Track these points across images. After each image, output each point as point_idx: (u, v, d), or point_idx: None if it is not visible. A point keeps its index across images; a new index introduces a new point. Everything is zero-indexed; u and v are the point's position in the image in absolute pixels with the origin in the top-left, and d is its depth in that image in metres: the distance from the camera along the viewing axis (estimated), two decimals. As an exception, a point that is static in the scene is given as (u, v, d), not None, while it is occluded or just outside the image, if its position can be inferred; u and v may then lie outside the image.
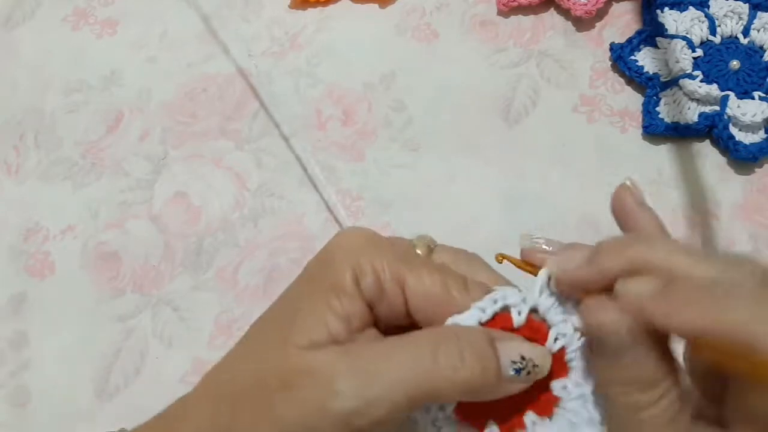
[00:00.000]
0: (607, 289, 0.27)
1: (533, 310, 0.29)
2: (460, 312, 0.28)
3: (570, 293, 0.28)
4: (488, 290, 0.29)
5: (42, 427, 0.41)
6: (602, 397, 0.28)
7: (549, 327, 0.29)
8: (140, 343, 0.42)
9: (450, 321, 0.28)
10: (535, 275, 0.29)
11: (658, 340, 0.26)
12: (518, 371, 0.27)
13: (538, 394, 0.29)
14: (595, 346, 0.27)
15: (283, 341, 0.28)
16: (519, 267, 0.30)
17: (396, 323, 0.29)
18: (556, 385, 0.29)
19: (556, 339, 0.29)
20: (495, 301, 0.29)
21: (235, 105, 0.49)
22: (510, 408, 0.29)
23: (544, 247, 0.30)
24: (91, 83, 0.51)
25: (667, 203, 0.43)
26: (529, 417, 0.29)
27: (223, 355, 0.31)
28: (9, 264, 0.45)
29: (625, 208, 0.29)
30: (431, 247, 0.31)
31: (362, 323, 0.28)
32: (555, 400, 0.29)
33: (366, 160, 0.46)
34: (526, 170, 0.45)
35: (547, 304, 0.29)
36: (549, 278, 0.28)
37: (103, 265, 0.45)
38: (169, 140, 0.48)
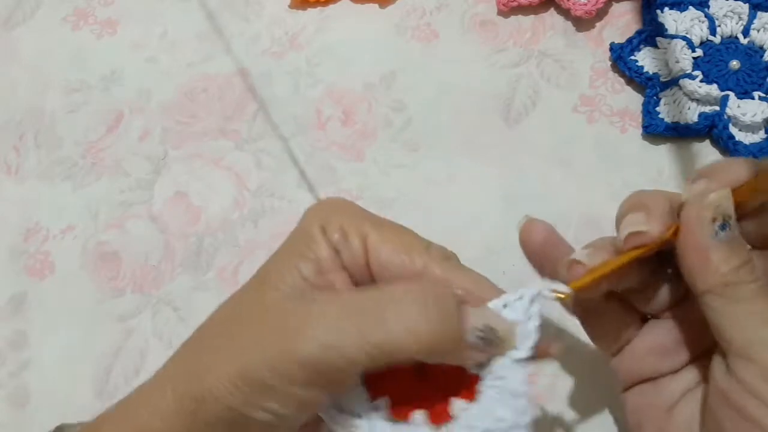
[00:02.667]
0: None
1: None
2: (430, 274, 0.28)
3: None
4: (448, 263, 0.29)
5: (42, 427, 0.41)
6: (522, 370, 0.28)
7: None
8: (140, 343, 0.42)
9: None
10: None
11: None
12: (481, 339, 0.27)
13: (459, 379, 0.28)
14: (717, 230, 0.27)
15: (259, 285, 0.29)
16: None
17: (360, 279, 0.30)
18: (457, 405, 0.28)
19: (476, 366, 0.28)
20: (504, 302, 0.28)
21: (235, 105, 0.49)
22: (436, 397, 0.28)
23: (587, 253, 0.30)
24: (91, 83, 0.51)
25: (667, 203, 0.43)
26: (456, 404, 0.28)
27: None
28: (9, 264, 0.45)
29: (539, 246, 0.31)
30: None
31: (331, 266, 0.29)
32: (476, 380, 0.28)
33: (366, 160, 0.46)
34: (526, 170, 0.45)
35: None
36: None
37: (103, 265, 0.45)
38: (169, 140, 0.48)
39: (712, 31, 0.47)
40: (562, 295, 0.29)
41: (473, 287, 0.29)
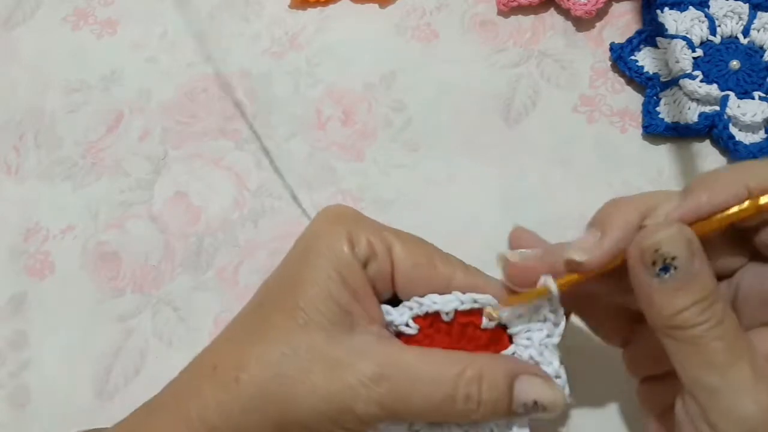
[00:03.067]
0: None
1: (503, 326, 0.30)
2: (440, 292, 0.30)
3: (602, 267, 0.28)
4: (467, 268, 0.30)
5: (42, 427, 0.41)
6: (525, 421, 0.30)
7: (510, 342, 0.30)
8: (140, 343, 0.42)
9: (429, 297, 0.29)
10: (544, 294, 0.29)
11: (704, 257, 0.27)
12: (526, 410, 0.28)
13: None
14: (658, 273, 0.26)
15: (298, 319, 0.28)
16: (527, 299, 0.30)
17: (382, 291, 0.30)
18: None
19: (512, 353, 0.30)
20: (475, 301, 0.30)
21: (235, 105, 0.49)
22: None
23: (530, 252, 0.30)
24: (91, 83, 0.51)
25: (667, 203, 0.43)
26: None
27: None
28: (9, 264, 0.45)
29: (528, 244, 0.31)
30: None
31: (363, 288, 0.29)
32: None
33: (366, 160, 0.46)
34: (526, 170, 0.45)
35: (519, 324, 0.30)
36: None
37: (103, 265, 0.45)
38: (169, 140, 0.48)
39: (712, 31, 0.47)
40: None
41: (497, 294, 0.30)
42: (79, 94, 0.50)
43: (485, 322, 0.30)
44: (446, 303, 0.29)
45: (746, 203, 0.27)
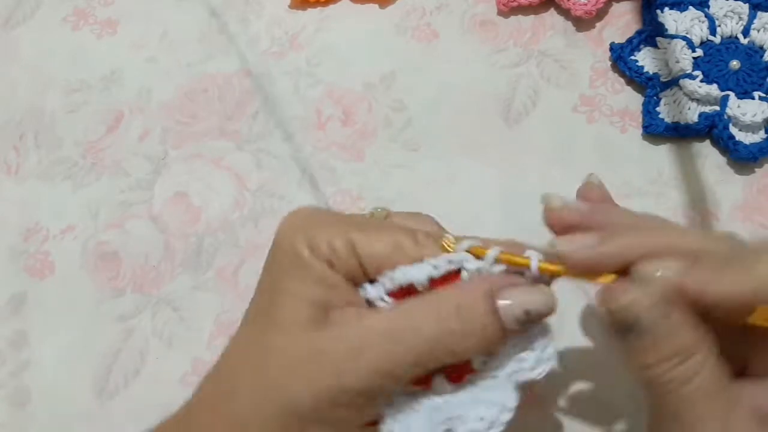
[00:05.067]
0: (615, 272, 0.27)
1: None
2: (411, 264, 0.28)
3: (575, 273, 0.28)
4: (438, 240, 0.29)
5: (42, 427, 0.41)
6: (515, 384, 0.28)
7: None
8: (140, 343, 0.42)
9: (400, 270, 0.28)
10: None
11: (687, 310, 0.26)
12: (524, 323, 0.27)
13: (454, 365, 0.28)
14: (625, 330, 0.26)
15: (276, 326, 0.28)
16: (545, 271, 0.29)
17: (352, 278, 0.30)
18: (476, 360, 0.28)
19: None
20: (449, 262, 0.29)
21: (235, 105, 0.49)
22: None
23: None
24: (91, 83, 0.51)
25: (667, 203, 0.43)
26: (437, 379, 0.28)
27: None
28: (9, 264, 0.45)
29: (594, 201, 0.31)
30: (387, 216, 0.32)
31: (333, 282, 0.29)
32: (469, 371, 0.28)
33: (366, 160, 0.46)
34: (526, 170, 0.45)
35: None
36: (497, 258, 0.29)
37: (103, 265, 0.45)
38: (169, 140, 0.48)
39: (712, 31, 0.47)
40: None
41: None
42: (79, 94, 0.50)
43: (464, 276, 0.29)
44: (419, 272, 0.28)
45: (757, 315, 0.26)
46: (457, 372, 0.28)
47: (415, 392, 0.28)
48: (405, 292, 0.29)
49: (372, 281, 0.30)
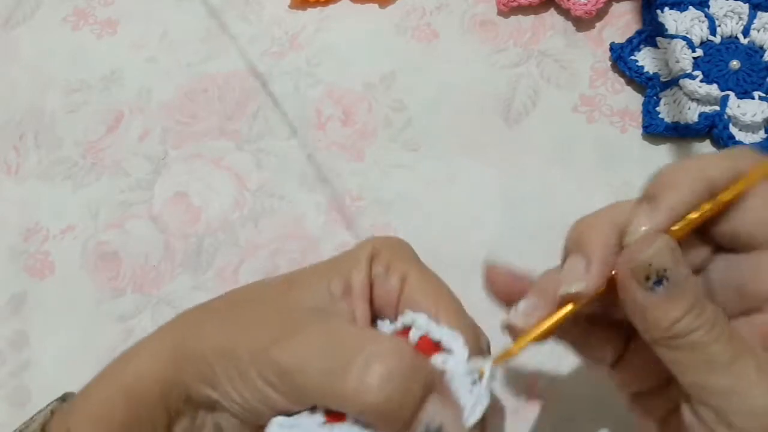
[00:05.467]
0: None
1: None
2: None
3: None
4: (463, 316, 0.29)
5: (42, 427, 0.41)
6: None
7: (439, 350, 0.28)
8: (140, 343, 0.42)
9: (408, 315, 0.28)
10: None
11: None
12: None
13: None
14: (651, 287, 0.26)
15: (287, 282, 0.30)
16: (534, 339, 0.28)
17: (382, 313, 0.30)
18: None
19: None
20: (404, 325, 0.28)
21: (235, 105, 0.49)
22: None
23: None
24: (91, 83, 0.51)
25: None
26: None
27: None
28: (9, 264, 0.45)
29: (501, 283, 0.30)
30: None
31: (360, 293, 0.29)
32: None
33: (366, 160, 0.46)
34: (526, 170, 0.45)
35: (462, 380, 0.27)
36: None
37: (103, 265, 0.45)
38: (169, 140, 0.48)
39: (712, 31, 0.47)
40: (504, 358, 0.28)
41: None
42: (79, 94, 0.50)
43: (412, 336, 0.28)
44: (420, 326, 0.28)
45: (711, 201, 0.27)
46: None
47: (334, 425, 0.27)
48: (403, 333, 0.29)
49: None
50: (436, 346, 0.28)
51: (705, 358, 0.26)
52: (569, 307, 0.28)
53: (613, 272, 0.27)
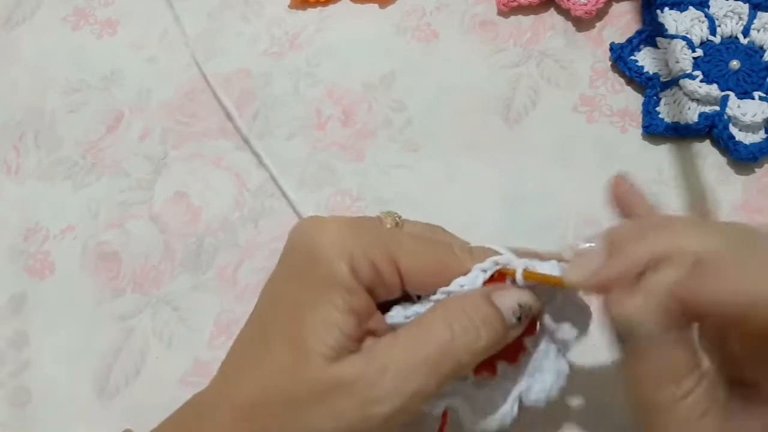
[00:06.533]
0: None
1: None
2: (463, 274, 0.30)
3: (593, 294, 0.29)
4: (471, 252, 0.31)
5: (42, 427, 0.41)
6: (564, 351, 0.32)
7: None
8: (140, 343, 0.42)
9: (456, 283, 0.29)
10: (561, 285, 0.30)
11: (686, 327, 0.26)
12: (519, 318, 0.29)
13: (510, 348, 0.30)
14: (624, 340, 0.27)
15: (301, 351, 0.27)
16: (543, 281, 0.30)
17: (390, 298, 0.30)
18: (529, 341, 0.31)
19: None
20: (496, 263, 0.30)
21: (235, 105, 0.49)
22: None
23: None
24: (91, 83, 0.51)
25: (667, 203, 0.43)
26: (501, 365, 0.31)
27: (222, 356, 0.31)
28: (9, 264, 0.45)
29: (624, 195, 0.31)
30: (398, 222, 0.33)
31: (368, 311, 0.29)
32: (524, 351, 0.31)
33: (366, 160, 0.46)
34: (526, 170, 0.45)
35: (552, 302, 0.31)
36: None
37: (103, 265, 0.45)
38: (169, 140, 0.48)
39: (712, 31, 0.47)
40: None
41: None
42: (79, 94, 0.50)
43: (508, 284, 0.30)
44: (474, 281, 0.30)
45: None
46: (513, 354, 0.31)
47: (484, 379, 0.31)
48: None
49: (405, 298, 0.31)
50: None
51: (657, 426, 0.26)
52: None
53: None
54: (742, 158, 0.43)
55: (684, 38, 0.46)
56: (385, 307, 0.30)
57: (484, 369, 0.30)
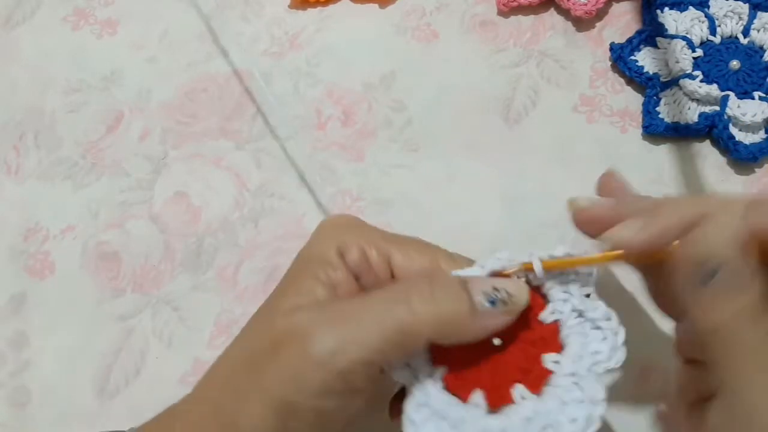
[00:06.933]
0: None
1: (536, 288, 0.30)
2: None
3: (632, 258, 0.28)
4: (470, 263, 0.30)
5: (42, 427, 0.41)
6: (596, 376, 0.28)
7: (546, 302, 0.29)
8: (140, 343, 0.42)
9: (453, 274, 0.29)
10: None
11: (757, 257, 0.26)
12: (493, 302, 0.27)
13: (528, 366, 0.28)
14: (705, 280, 0.26)
15: (270, 310, 0.29)
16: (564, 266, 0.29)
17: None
18: (548, 359, 0.28)
19: (552, 313, 0.29)
20: (498, 259, 0.29)
21: (235, 105, 0.49)
22: (499, 378, 0.29)
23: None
24: (91, 83, 0.51)
25: (667, 203, 0.43)
26: (518, 390, 0.28)
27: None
28: (9, 264, 0.45)
29: (614, 191, 0.31)
30: None
31: (348, 291, 0.29)
32: (546, 375, 0.28)
33: (366, 160, 0.46)
34: (526, 170, 0.45)
35: (551, 282, 0.29)
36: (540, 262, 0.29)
37: (103, 265, 0.45)
38: (169, 140, 0.48)
39: (712, 31, 0.47)
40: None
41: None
42: (79, 94, 0.50)
43: (539, 271, 0.29)
44: (468, 274, 0.29)
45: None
46: (534, 380, 0.28)
47: (501, 410, 0.28)
48: None
49: None
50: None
51: (747, 358, 0.25)
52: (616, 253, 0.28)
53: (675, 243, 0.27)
54: (742, 158, 0.43)
55: (684, 38, 0.46)
56: None
57: (497, 396, 0.28)
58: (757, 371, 0.25)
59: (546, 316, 0.29)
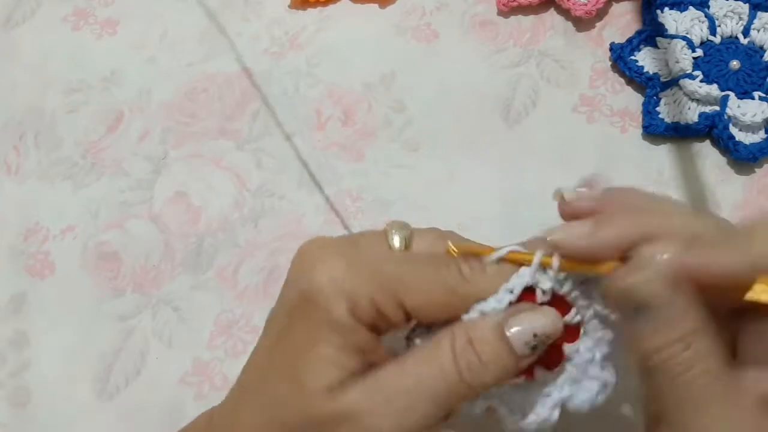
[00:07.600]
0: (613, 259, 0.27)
1: (558, 295, 0.29)
2: (481, 298, 0.28)
3: (574, 265, 0.28)
4: (484, 270, 0.29)
5: (42, 427, 0.41)
6: (611, 360, 0.29)
7: (570, 305, 0.29)
8: (140, 343, 0.42)
9: (476, 309, 0.28)
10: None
11: (692, 292, 0.26)
12: (534, 347, 0.27)
13: (549, 354, 0.29)
14: (634, 312, 0.26)
15: (299, 388, 0.27)
16: (522, 262, 0.29)
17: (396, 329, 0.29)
18: (568, 349, 0.29)
19: (576, 313, 0.29)
20: (521, 278, 0.29)
21: (235, 105, 0.49)
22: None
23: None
24: (91, 83, 0.51)
25: (667, 203, 0.43)
26: (539, 371, 0.29)
27: (222, 356, 0.31)
28: (9, 264, 0.45)
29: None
30: (407, 240, 0.31)
31: (371, 347, 0.28)
32: (563, 359, 0.29)
33: (366, 160, 0.46)
34: (526, 170, 0.45)
35: (568, 286, 0.29)
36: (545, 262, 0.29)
37: (103, 265, 0.45)
38: (169, 140, 0.48)
39: (712, 31, 0.47)
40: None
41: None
42: (79, 94, 0.50)
43: (540, 296, 0.29)
44: (499, 303, 0.28)
45: (756, 291, 0.26)
46: (552, 362, 0.29)
47: (523, 383, 0.29)
48: None
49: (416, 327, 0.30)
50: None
51: (678, 394, 0.25)
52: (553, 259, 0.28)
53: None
54: (742, 158, 0.43)
55: (684, 38, 0.46)
56: None
57: (522, 373, 0.29)
58: (691, 410, 0.25)
59: (571, 318, 0.29)
